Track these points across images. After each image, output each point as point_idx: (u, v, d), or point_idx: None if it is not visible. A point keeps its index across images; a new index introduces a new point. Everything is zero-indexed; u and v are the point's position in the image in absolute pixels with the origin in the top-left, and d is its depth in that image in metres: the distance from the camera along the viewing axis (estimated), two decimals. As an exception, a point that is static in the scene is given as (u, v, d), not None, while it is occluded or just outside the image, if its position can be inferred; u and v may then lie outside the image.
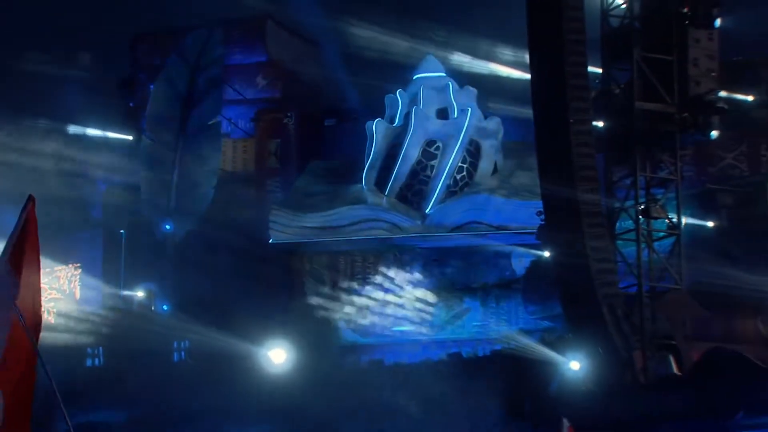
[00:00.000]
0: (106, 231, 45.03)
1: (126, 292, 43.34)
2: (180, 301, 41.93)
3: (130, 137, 44.47)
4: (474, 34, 44.60)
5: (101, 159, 45.11)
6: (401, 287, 42.40)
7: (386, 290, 42.27)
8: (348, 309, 42.10)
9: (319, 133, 47.02)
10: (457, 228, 42.27)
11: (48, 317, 41.00)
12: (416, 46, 45.37)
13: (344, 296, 42.32)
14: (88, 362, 37.36)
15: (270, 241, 41.95)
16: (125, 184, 44.13)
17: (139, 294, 42.78)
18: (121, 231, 42.68)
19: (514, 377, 33.69)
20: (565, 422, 24.82)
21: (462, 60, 45.70)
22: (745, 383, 28.95)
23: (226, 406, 32.11)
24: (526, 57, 34.86)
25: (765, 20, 41.74)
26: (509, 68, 42.23)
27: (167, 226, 43.11)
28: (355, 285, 42.50)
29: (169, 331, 37.90)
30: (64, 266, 43.41)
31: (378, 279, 42.44)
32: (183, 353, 38.48)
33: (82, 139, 46.92)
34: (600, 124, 33.93)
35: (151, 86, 44.82)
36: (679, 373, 31.66)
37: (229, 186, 44.10)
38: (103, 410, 32.32)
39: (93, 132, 45.99)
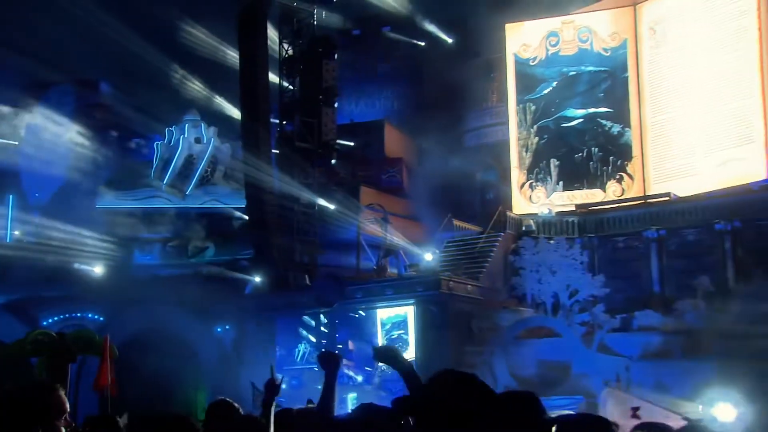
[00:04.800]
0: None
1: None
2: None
3: (16, 143, 43.85)
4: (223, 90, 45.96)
5: None
6: (174, 233, 44.35)
7: (164, 235, 44.18)
8: (144, 243, 43.86)
9: (130, 145, 48.08)
10: (204, 202, 44.63)
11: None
12: (191, 97, 46.58)
13: (143, 237, 44.12)
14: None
15: (97, 206, 43.37)
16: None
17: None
18: (10, 195, 41.32)
19: (229, 284, 36.12)
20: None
21: (217, 105, 46.87)
22: (333, 288, 33.02)
23: (73, 294, 32.87)
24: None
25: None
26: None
27: (36, 195, 43.33)
28: (147, 232, 44.33)
29: (42, 246, 37.95)
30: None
31: (160, 229, 44.35)
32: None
33: None
34: (277, 152, 37.48)
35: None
36: (309, 284, 34.85)
37: (78, 172, 43.86)
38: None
39: None
